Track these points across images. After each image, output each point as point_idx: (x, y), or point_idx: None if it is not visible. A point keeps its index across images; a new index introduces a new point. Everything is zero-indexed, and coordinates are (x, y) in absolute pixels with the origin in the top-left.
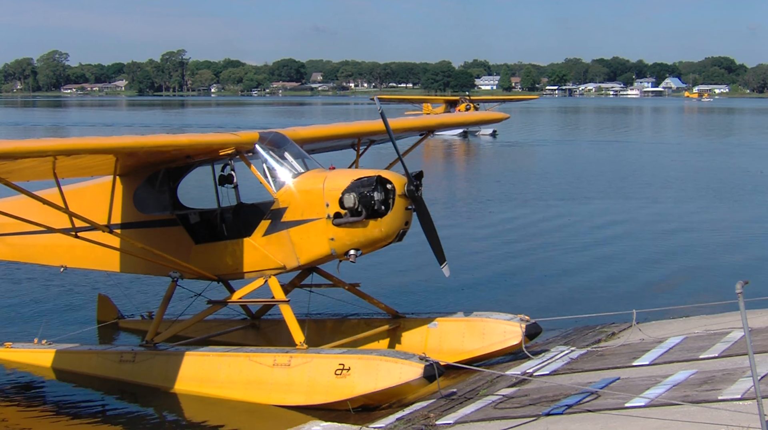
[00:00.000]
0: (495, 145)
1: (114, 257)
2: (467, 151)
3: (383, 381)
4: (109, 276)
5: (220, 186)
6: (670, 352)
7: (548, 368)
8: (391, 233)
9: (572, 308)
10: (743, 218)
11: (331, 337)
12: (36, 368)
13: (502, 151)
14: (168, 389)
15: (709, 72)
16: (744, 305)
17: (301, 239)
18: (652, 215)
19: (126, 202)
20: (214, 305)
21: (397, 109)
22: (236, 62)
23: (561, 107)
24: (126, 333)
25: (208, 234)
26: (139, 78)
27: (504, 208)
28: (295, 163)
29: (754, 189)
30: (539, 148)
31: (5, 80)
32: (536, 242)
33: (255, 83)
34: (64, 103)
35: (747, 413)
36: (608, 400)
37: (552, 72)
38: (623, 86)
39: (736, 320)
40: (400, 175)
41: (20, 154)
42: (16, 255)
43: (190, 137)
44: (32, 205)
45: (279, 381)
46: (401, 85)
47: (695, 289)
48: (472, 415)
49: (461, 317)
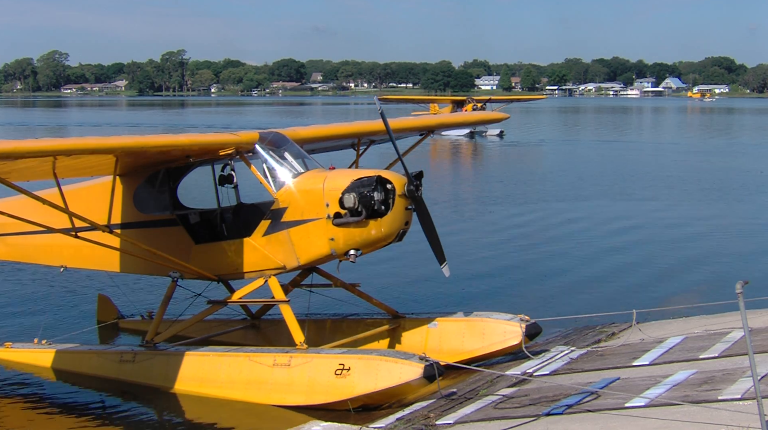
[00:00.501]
0: (501, 145)
1: (114, 257)
2: (474, 152)
3: (383, 381)
4: (110, 276)
5: (220, 186)
6: (670, 352)
7: (548, 368)
8: (391, 233)
9: (572, 308)
10: (744, 218)
11: (331, 337)
12: (36, 368)
13: (508, 152)
14: (168, 389)
15: (709, 72)
16: (744, 305)
17: (301, 239)
18: (652, 215)
19: (126, 202)
20: (214, 305)
21: (399, 109)
22: (236, 62)
23: (561, 107)
24: (126, 333)
25: (208, 234)
26: (139, 78)
27: (505, 209)
28: (295, 163)
29: (756, 189)
30: (545, 148)
31: (5, 80)
32: (536, 242)
33: (255, 83)
34: (64, 103)
35: (747, 413)
36: (608, 400)
37: (552, 72)
38: (623, 86)
39: (736, 320)
40: (400, 175)
41: (20, 154)
42: (16, 255)
43: (190, 137)
44: (32, 205)
45: (279, 381)
46: (401, 85)
47: (695, 289)
48: (472, 415)
49: (461, 317)
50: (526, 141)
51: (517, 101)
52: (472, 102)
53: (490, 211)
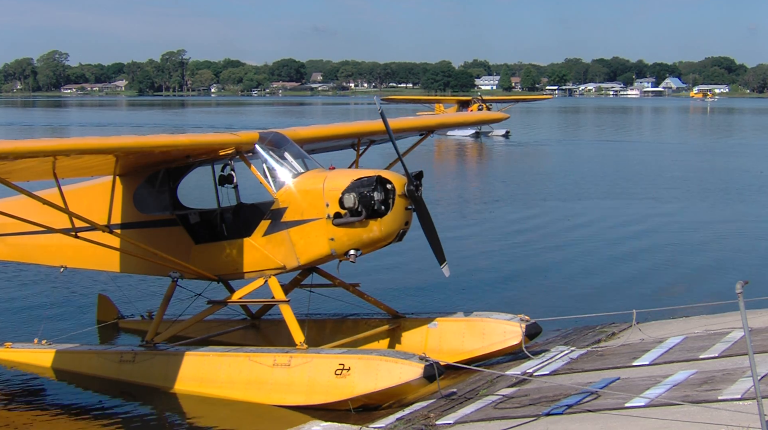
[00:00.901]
0: (506, 145)
1: (114, 257)
2: (478, 152)
3: (383, 381)
4: (110, 276)
5: (220, 186)
6: (670, 352)
7: (548, 368)
8: (391, 233)
9: (572, 308)
10: (745, 218)
11: (331, 337)
12: (36, 368)
13: (512, 152)
14: (168, 389)
15: (709, 72)
16: (744, 305)
17: (301, 239)
18: (653, 214)
19: (126, 203)
20: (214, 305)
21: (400, 109)
22: (236, 62)
23: (562, 107)
24: (126, 333)
25: (208, 234)
26: (139, 78)
27: (505, 209)
28: (295, 164)
29: (759, 189)
30: (549, 147)
31: (5, 80)
32: (536, 242)
33: (255, 83)
34: (64, 103)
35: (747, 413)
36: (608, 400)
37: (552, 72)
38: (623, 86)
39: (736, 320)
40: (400, 175)
41: (20, 154)
42: (16, 255)
43: (190, 137)
44: (32, 205)
45: (279, 381)
46: (401, 85)
47: (695, 288)
48: (472, 415)
49: (461, 317)
50: (531, 141)
51: (523, 101)
52: (478, 102)
53: (491, 212)
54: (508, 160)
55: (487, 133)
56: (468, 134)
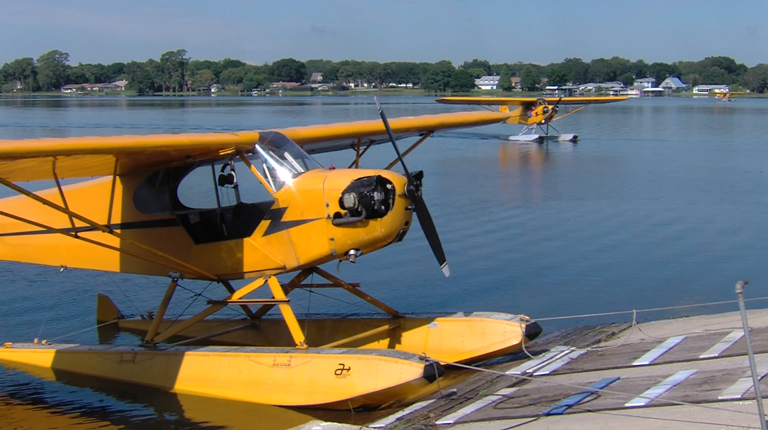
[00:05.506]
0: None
1: (114, 257)
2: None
3: (383, 381)
4: (110, 276)
5: (220, 186)
6: (670, 352)
7: (548, 368)
8: (391, 232)
9: (572, 308)
10: (746, 218)
11: (331, 337)
12: (36, 368)
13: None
14: (168, 389)
15: (709, 72)
16: (744, 305)
17: (301, 239)
18: (654, 214)
19: (126, 202)
20: (214, 305)
21: (400, 109)
22: (236, 62)
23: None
24: (126, 333)
25: (208, 234)
26: (139, 78)
27: (506, 208)
28: (295, 163)
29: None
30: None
31: (5, 80)
32: (536, 242)
33: (255, 83)
34: (64, 103)
35: (747, 413)
36: (608, 400)
37: (552, 72)
38: (623, 86)
39: (736, 320)
40: (400, 175)
41: (20, 154)
42: (16, 255)
43: (190, 137)
44: (32, 205)
45: (279, 381)
46: (401, 85)
47: (695, 289)
48: (472, 415)
49: (461, 317)
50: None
51: (595, 103)
52: (543, 104)
53: (491, 211)
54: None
55: (555, 138)
56: (532, 139)
